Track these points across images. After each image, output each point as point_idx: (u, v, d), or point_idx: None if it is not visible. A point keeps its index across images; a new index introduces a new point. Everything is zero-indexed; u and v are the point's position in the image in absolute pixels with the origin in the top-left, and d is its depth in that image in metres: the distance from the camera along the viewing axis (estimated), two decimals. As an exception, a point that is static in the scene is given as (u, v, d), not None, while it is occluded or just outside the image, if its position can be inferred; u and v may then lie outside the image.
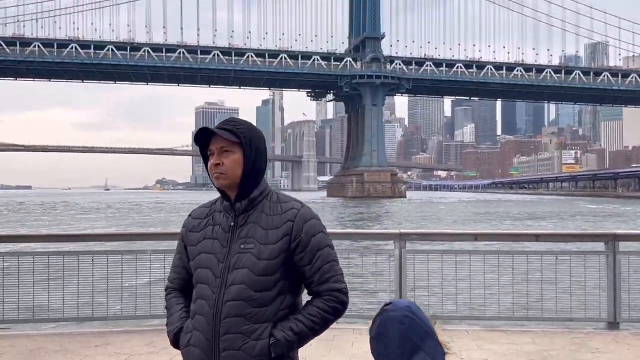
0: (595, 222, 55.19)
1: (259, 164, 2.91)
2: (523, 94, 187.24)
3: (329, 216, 60.55)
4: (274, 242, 2.79)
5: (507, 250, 8.26)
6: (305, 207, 2.88)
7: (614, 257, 7.77)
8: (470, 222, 54.17)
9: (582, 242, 8.32)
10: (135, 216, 66.77)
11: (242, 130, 2.89)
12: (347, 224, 51.90)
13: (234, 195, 2.90)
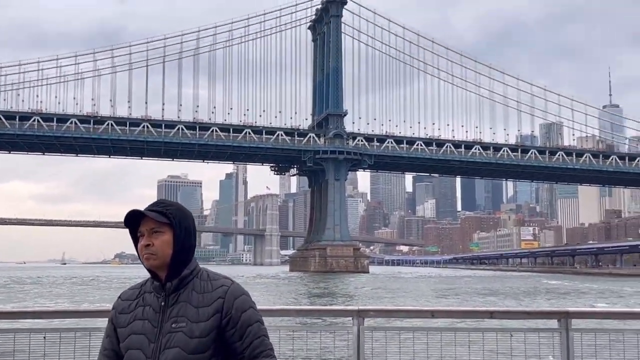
0: (554, 298, 55.72)
1: (188, 244, 3.02)
2: (482, 171, 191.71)
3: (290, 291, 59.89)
4: (205, 320, 2.90)
5: (464, 327, 8.33)
6: (235, 284, 3.04)
7: (567, 334, 7.89)
8: (431, 297, 54.15)
9: (536, 319, 8.45)
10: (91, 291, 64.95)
11: (172, 211, 3.00)
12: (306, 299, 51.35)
13: (164, 275, 3.00)
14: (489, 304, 47.89)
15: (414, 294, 59.23)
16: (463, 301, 50.96)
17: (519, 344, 8.09)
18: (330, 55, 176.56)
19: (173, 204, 3.05)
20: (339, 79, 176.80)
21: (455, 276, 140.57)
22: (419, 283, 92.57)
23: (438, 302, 47.92)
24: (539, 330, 8.11)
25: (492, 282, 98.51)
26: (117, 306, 3.08)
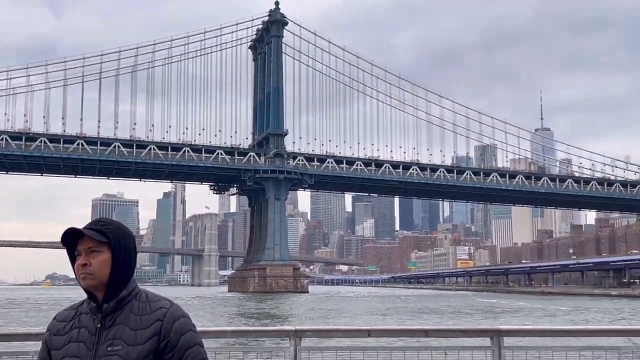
0: (488, 317, 56.92)
1: (127, 264, 2.94)
2: (419, 191, 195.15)
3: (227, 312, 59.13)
4: (143, 343, 2.81)
5: (400, 346, 8.42)
6: (174, 305, 2.97)
7: (499, 352, 8.08)
8: (369, 317, 54.46)
9: (470, 337, 8.62)
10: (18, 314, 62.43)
11: (111, 229, 2.92)
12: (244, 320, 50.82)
13: (101, 296, 2.91)
14: (425, 323, 48.54)
15: (353, 314, 59.45)
16: (400, 320, 51.47)
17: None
18: (271, 75, 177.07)
19: (113, 222, 2.99)
20: (280, 98, 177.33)
21: (393, 295, 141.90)
22: (357, 302, 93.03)
23: (375, 321, 48.22)
24: (472, 348, 8.27)
25: (429, 300, 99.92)
26: (51, 327, 2.99)
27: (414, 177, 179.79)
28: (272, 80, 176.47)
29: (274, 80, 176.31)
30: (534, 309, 70.97)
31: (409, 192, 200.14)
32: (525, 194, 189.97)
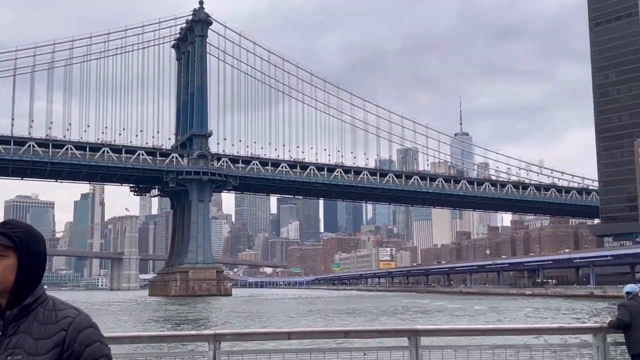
0: (408, 317, 58.06)
1: (35, 270, 2.80)
2: (343, 194, 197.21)
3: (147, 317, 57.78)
4: (44, 354, 2.66)
5: (320, 347, 8.42)
6: (82, 315, 2.79)
7: (416, 351, 8.22)
8: (292, 319, 54.47)
9: (388, 338, 8.74)
10: None
11: (19, 233, 2.78)
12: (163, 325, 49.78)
13: (4, 302, 2.77)
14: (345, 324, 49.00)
15: (276, 316, 59.30)
16: (322, 322, 51.73)
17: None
18: (195, 74, 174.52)
19: (22, 225, 2.86)
20: (204, 99, 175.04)
21: (317, 297, 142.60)
22: (281, 305, 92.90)
23: (297, 323, 48.28)
24: (390, 348, 8.37)
25: (352, 302, 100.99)
26: None
27: (338, 179, 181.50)
28: (196, 80, 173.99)
29: (198, 80, 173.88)
30: (453, 309, 72.96)
31: (334, 195, 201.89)
32: (444, 196, 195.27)
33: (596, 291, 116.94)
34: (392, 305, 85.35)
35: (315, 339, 8.89)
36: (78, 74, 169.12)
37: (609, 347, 8.45)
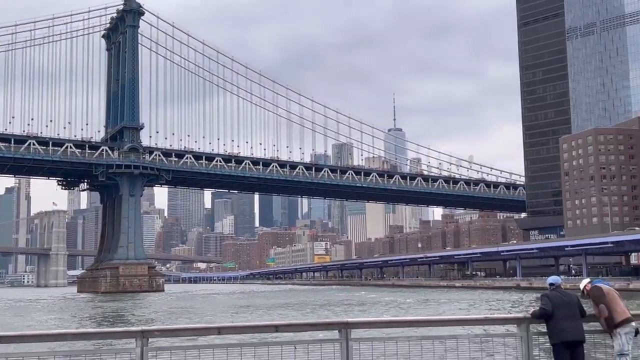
0: (339, 310, 58.56)
1: None
2: (279, 188, 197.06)
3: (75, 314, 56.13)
4: None
5: (250, 342, 8.35)
6: None
7: (346, 344, 8.26)
8: (226, 314, 54.07)
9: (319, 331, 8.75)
10: None
11: None
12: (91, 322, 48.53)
13: None
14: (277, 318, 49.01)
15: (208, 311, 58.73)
16: (256, 316, 51.58)
17: (303, 355, 8.29)
18: (126, 66, 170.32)
19: None
20: (135, 90, 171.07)
21: (251, 291, 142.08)
22: (214, 300, 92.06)
23: (230, 318, 47.98)
24: (321, 341, 8.38)
25: (286, 296, 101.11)
26: None
27: (273, 174, 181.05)
28: (127, 72, 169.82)
29: (129, 71, 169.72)
30: (385, 301, 74.05)
31: (269, 189, 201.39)
32: (378, 191, 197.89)
33: (522, 283, 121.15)
34: (326, 298, 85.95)
35: (246, 334, 8.81)
36: (2, 63, 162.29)
37: (532, 336, 8.72)
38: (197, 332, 8.48)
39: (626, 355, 8.57)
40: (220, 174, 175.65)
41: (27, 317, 54.73)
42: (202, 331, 8.47)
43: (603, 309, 8.68)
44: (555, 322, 8.62)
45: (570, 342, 8.55)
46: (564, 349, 8.55)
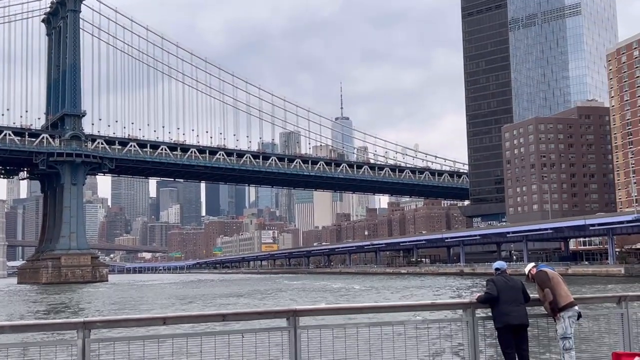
0: (287, 297, 58.65)
1: None
2: (226, 177, 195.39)
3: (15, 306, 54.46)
4: None
5: (197, 332, 8.20)
6: None
7: (294, 332, 8.20)
8: (170, 304, 53.43)
9: (267, 319, 8.67)
10: None
11: None
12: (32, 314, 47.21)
13: None
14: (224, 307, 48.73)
15: (153, 302, 57.93)
16: (202, 306, 51.16)
17: (250, 345, 8.20)
18: (67, 51, 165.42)
19: None
20: (77, 77, 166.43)
21: (197, 281, 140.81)
22: (160, 290, 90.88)
23: (176, 308, 47.45)
24: (269, 329, 8.31)
25: (233, 285, 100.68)
26: None
27: (220, 162, 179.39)
28: (69, 58, 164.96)
29: (70, 57, 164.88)
30: (333, 289, 74.53)
31: (216, 178, 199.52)
32: (326, 179, 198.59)
33: (466, 269, 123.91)
34: (274, 287, 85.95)
35: (193, 324, 8.65)
36: None
37: (478, 321, 8.86)
38: (141, 323, 8.26)
39: (569, 339, 8.79)
40: (165, 162, 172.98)
41: (-37, 311, 52.86)
42: (146, 322, 8.26)
43: (548, 293, 8.87)
44: (500, 306, 8.77)
45: (514, 326, 8.72)
46: (508, 333, 8.71)
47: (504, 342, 8.72)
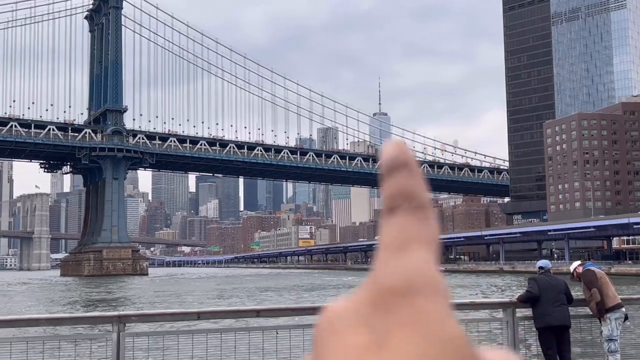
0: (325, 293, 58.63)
1: None
2: (263, 172, 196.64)
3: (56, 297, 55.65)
4: None
5: (231, 327, 8.18)
6: None
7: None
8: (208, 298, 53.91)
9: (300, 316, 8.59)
10: None
11: None
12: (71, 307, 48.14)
13: None
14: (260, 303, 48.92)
15: (191, 295, 58.53)
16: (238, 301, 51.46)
17: (285, 341, 8.12)
18: (109, 47, 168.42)
19: None
20: (119, 73, 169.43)
21: (236, 275, 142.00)
22: (198, 284, 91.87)
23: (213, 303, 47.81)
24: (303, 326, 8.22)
25: (270, 280, 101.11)
26: None
27: (258, 157, 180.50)
28: (111, 54, 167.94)
29: (112, 53, 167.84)
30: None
31: (254, 173, 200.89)
32: (363, 175, 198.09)
33: (505, 267, 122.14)
34: (311, 282, 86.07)
35: (227, 319, 8.62)
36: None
37: (518, 321, 8.62)
38: (175, 317, 8.29)
39: (614, 341, 8.48)
40: (204, 158, 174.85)
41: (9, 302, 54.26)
42: (180, 316, 8.28)
43: (595, 293, 8.57)
44: (541, 306, 8.52)
45: (555, 327, 8.46)
46: (549, 334, 8.46)
47: (544, 343, 8.47)
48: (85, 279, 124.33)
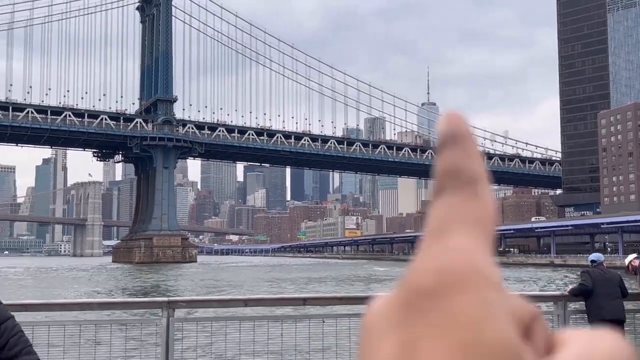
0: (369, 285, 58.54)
1: None
2: (310, 162, 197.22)
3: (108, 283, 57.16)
4: None
5: (277, 315, 8.21)
6: None
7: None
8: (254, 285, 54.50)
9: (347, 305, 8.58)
10: None
11: None
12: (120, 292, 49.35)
13: None
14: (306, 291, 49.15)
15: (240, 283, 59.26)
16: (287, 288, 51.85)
17: (331, 329, 8.12)
18: (159, 38, 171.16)
19: None
20: (169, 63, 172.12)
21: (282, 264, 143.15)
22: (245, 272, 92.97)
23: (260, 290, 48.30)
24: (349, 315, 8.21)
25: (316, 269, 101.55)
26: None
27: (305, 147, 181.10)
28: (161, 44, 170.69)
29: (162, 44, 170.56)
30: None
31: (301, 163, 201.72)
32: (410, 165, 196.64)
33: (556, 260, 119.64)
34: (357, 273, 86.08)
35: (273, 306, 8.67)
36: (39, 35, 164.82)
37: (570, 315, 8.41)
38: (223, 304, 8.38)
39: (672, 337, 8.20)
40: (252, 147, 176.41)
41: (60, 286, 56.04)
42: (228, 303, 8.37)
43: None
44: (594, 299, 8.29)
45: (608, 321, 8.22)
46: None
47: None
48: (135, 266, 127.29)
